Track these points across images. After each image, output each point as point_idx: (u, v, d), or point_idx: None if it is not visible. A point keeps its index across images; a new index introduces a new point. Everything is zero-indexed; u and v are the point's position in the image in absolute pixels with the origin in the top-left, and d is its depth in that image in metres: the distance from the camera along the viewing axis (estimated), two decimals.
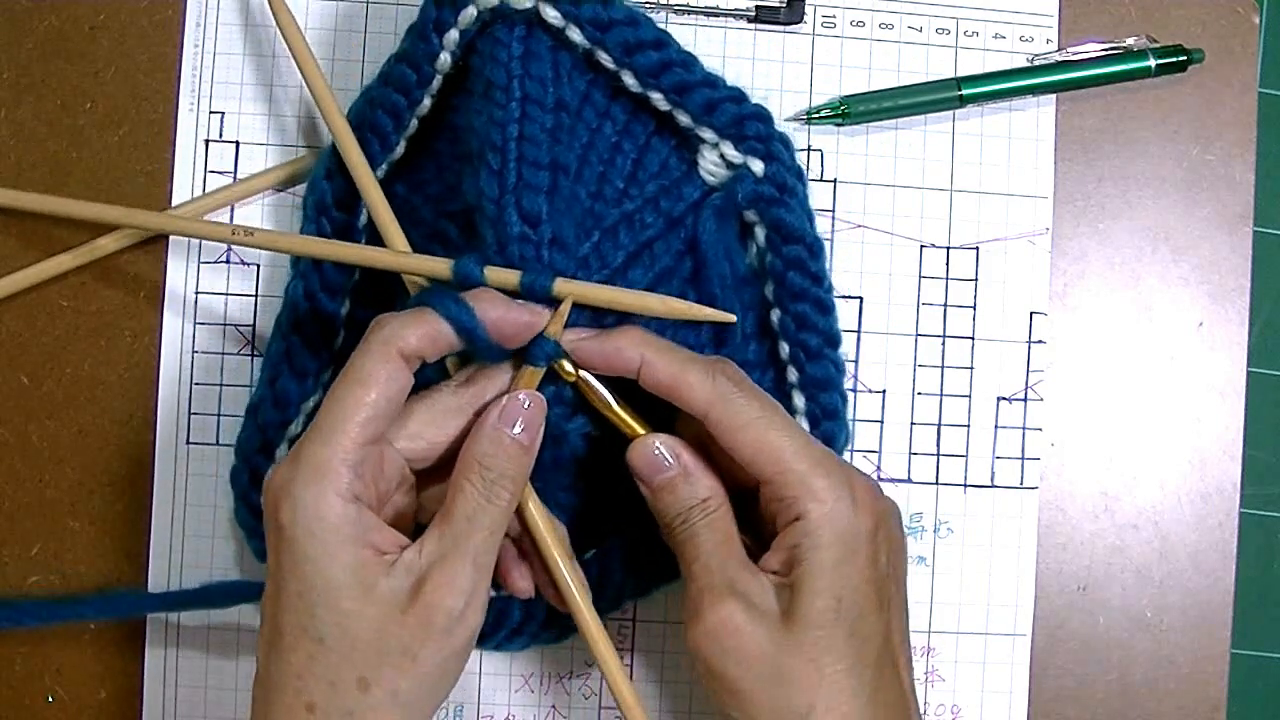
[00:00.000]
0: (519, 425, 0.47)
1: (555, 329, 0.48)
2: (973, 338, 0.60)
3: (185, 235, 0.57)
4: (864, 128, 0.60)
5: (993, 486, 0.60)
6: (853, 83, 0.60)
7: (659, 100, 0.54)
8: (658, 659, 0.59)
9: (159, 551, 0.57)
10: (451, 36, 0.53)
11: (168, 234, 0.57)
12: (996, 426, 0.60)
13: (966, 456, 0.60)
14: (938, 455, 0.60)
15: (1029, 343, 0.60)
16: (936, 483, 0.60)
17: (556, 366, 0.49)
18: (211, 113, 0.58)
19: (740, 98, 0.55)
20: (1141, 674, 0.60)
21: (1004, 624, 0.59)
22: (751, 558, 0.48)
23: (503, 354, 0.49)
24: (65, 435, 0.58)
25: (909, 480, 0.59)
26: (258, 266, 0.58)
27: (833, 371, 0.55)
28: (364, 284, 0.55)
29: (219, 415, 0.58)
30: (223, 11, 0.58)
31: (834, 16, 0.60)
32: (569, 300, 0.49)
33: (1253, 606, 0.62)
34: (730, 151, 0.55)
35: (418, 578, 0.45)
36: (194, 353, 0.58)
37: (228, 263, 0.58)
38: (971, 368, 0.60)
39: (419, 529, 0.47)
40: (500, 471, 0.46)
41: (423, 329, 0.46)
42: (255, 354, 0.58)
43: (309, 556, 0.44)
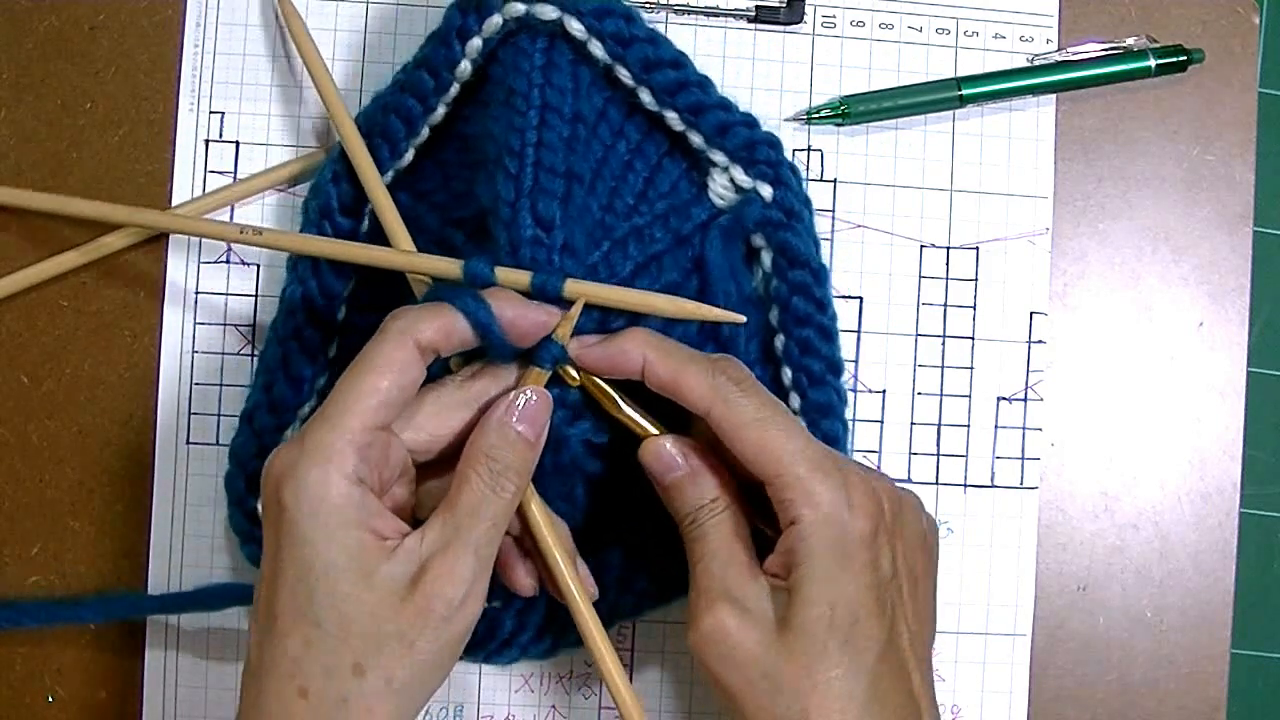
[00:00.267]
0: (526, 420, 0.47)
1: (565, 331, 0.49)
2: (973, 338, 0.60)
3: (193, 234, 0.56)
4: (864, 128, 0.60)
5: (993, 486, 0.60)
6: (853, 83, 0.60)
7: (673, 120, 0.55)
8: (657, 659, 0.58)
9: (159, 552, 0.57)
10: (474, 44, 0.53)
11: (175, 233, 0.57)
12: (996, 426, 0.60)
13: (966, 456, 0.60)
14: (938, 455, 0.60)
15: (1029, 343, 0.60)
16: (936, 483, 0.60)
17: (561, 371, 0.49)
18: (211, 113, 0.58)
19: (752, 123, 0.56)
20: (1141, 674, 0.60)
21: (1004, 624, 0.59)
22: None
23: (513, 353, 0.49)
24: (65, 435, 0.58)
25: (909, 480, 0.59)
26: (258, 267, 0.58)
27: (834, 398, 0.56)
28: (360, 290, 0.55)
29: (219, 415, 0.58)
30: (223, 11, 0.58)
31: (834, 16, 0.60)
32: (580, 301, 0.49)
33: (1253, 606, 0.62)
34: (740, 175, 0.55)
35: (418, 566, 0.45)
36: (194, 353, 0.58)
37: (228, 263, 0.58)
38: (971, 368, 0.60)
39: (414, 525, 0.47)
40: (506, 464, 0.46)
41: (439, 321, 0.47)
42: (255, 354, 0.58)
43: (309, 539, 0.44)
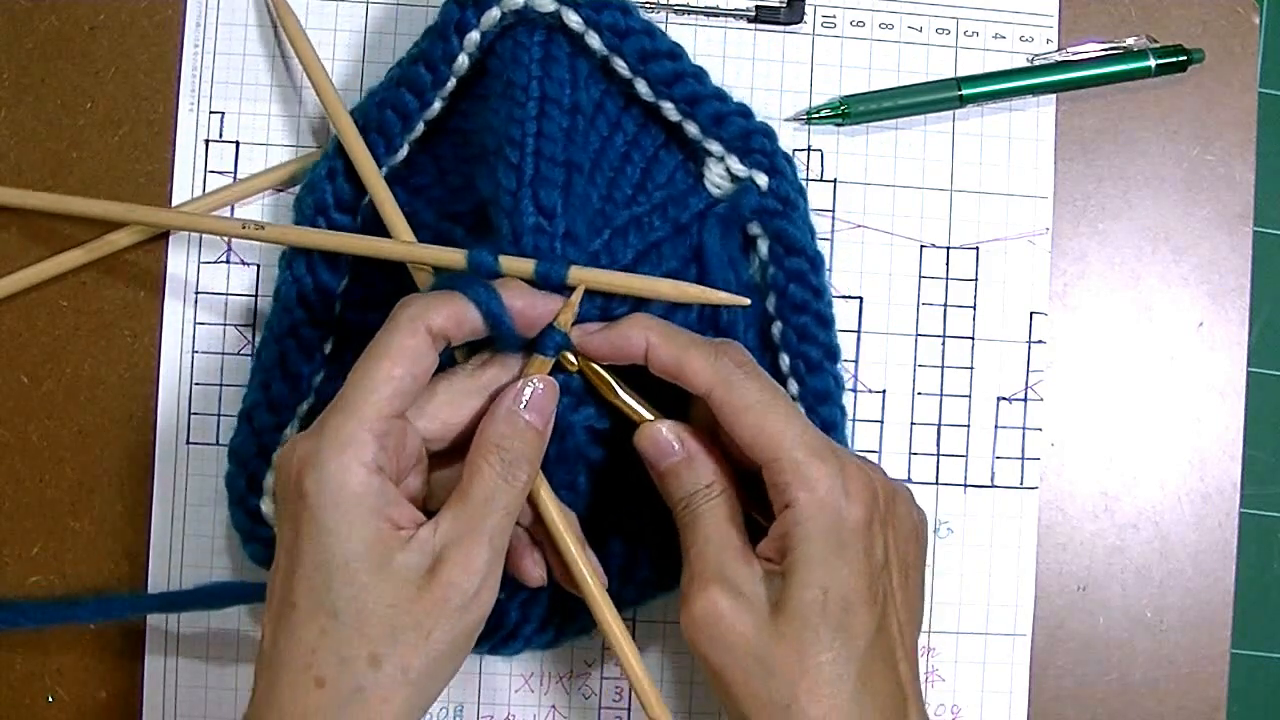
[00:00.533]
0: (534, 409, 0.48)
1: (567, 318, 0.49)
2: (973, 338, 0.60)
3: (194, 230, 0.56)
4: (864, 128, 0.60)
5: (993, 486, 0.60)
6: (853, 83, 0.60)
7: (670, 110, 0.55)
8: (657, 658, 0.58)
9: (159, 552, 0.57)
10: (472, 38, 0.53)
11: (177, 230, 0.57)
12: (996, 426, 0.60)
13: (966, 456, 0.60)
14: (938, 455, 0.60)
15: (1029, 343, 0.60)
16: (936, 483, 0.60)
17: (561, 358, 0.50)
18: (211, 113, 0.58)
19: (747, 113, 0.56)
20: (1141, 674, 0.60)
21: (1004, 624, 0.59)
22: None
23: (520, 342, 0.49)
24: (65, 435, 0.58)
25: (909, 480, 0.59)
26: (258, 266, 0.58)
27: (832, 385, 0.56)
28: (353, 287, 0.56)
29: (219, 415, 0.58)
30: (223, 11, 0.58)
31: (834, 16, 0.60)
32: (580, 288, 0.49)
33: (1253, 606, 0.62)
34: (736, 165, 0.56)
35: (433, 556, 0.45)
36: (194, 352, 0.58)
37: (228, 262, 0.58)
38: (971, 368, 0.60)
39: (425, 515, 0.47)
40: (518, 453, 0.47)
41: (450, 309, 0.47)
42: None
43: (331, 528, 0.44)
